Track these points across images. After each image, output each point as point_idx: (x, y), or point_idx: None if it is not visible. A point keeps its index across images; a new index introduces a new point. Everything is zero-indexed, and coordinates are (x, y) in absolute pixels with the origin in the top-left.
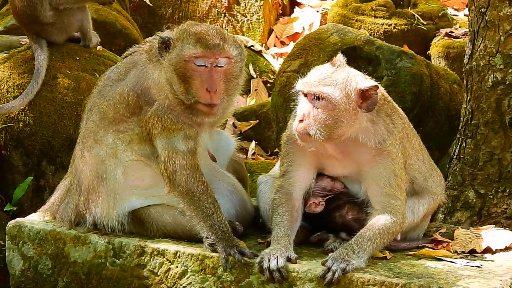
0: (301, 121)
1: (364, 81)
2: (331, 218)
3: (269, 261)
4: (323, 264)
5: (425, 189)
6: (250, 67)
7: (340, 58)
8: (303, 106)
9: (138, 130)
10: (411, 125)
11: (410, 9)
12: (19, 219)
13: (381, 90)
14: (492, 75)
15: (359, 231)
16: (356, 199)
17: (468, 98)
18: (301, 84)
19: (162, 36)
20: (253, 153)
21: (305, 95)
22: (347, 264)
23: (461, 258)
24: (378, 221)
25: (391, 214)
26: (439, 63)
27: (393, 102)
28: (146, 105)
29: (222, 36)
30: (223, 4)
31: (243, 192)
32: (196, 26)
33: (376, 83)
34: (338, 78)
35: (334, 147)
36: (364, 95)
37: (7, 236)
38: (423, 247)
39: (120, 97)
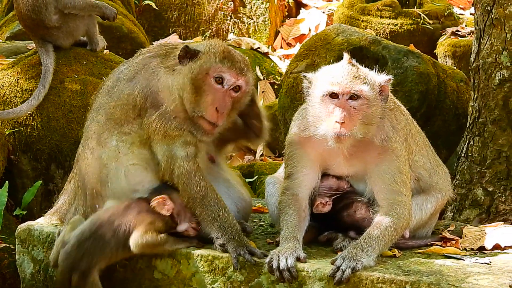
0: (343, 123)
1: (380, 75)
2: (340, 217)
3: (278, 260)
4: (332, 263)
5: (431, 186)
6: (257, 69)
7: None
8: (333, 108)
9: (140, 133)
10: (414, 121)
11: (416, 8)
12: (28, 222)
13: None
14: (498, 72)
15: (367, 230)
16: (363, 198)
17: (475, 96)
18: (334, 85)
19: (192, 48)
20: (261, 154)
21: (336, 96)
22: (356, 263)
23: (470, 255)
24: (385, 218)
25: (397, 210)
26: (446, 62)
27: (395, 98)
28: (152, 107)
29: (247, 64)
30: (229, 7)
31: (238, 183)
32: (226, 46)
33: (390, 76)
34: (365, 75)
35: (348, 146)
36: (380, 89)
37: (17, 240)
38: (432, 245)
39: (128, 98)
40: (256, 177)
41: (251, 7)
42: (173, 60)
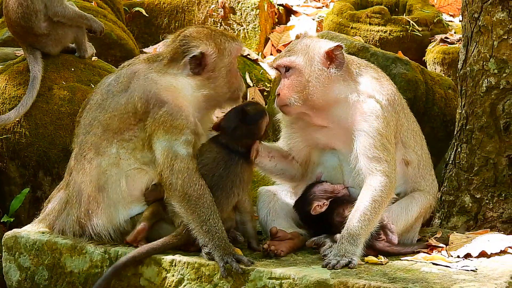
0: (278, 94)
1: (328, 44)
2: (330, 218)
3: None
4: (324, 266)
5: (416, 186)
6: (247, 75)
7: (308, 32)
8: (279, 83)
9: (142, 136)
10: (411, 113)
11: (405, 15)
12: (15, 230)
13: (368, 63)
14: (486, 80)
15: (348, 217)
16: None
17: (463, 103)
18: (272, 61)
19: (196, 54)
20: None
21: (278, 70)
22: (349, 261)
23: (456, 262)
24: (363, 196)
25: (375, 180)
26: (435, 69)
27: (388, 78)
28: (156, 107)
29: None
30: (219, 14)
31: None
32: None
33: (339, 44)
34: (300, 47)
35: (320, 114)
36: (331, 56)
37: (3, 247)
38: (418, 252)
39: (126, 106)
40: None
41: (241, 14)
42: (161, 65)
